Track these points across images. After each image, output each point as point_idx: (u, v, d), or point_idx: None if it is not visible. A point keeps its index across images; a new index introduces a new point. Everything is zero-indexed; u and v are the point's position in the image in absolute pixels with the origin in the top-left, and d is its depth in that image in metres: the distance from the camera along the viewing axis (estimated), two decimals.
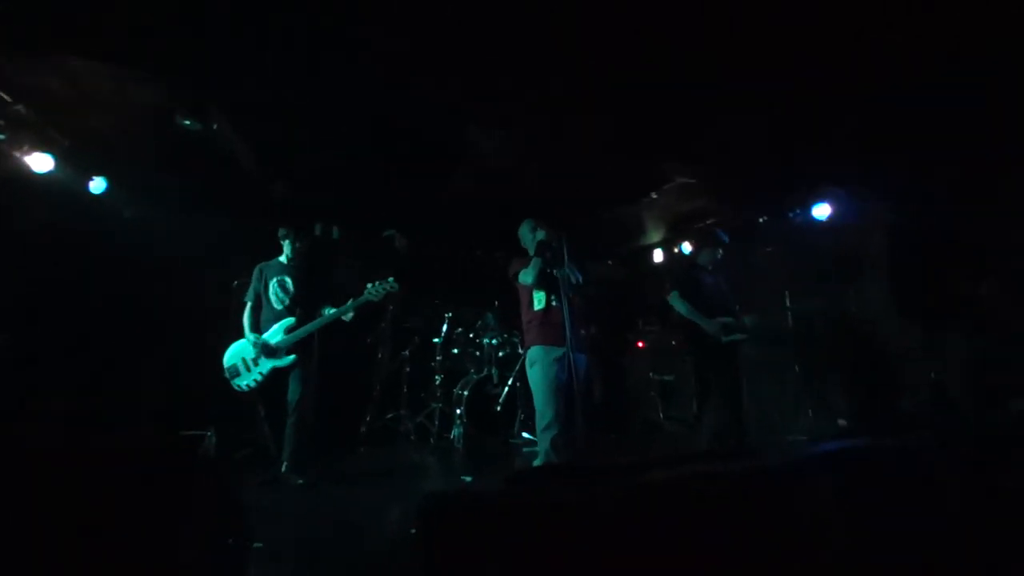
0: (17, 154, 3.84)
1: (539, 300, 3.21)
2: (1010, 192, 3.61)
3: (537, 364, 3.08)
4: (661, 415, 5.93)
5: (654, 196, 5.25)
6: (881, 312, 4.56)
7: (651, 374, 6.13)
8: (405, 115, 3.70)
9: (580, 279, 3.27)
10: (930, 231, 3.97)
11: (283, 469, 3.41)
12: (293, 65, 3.11)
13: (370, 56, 3.01)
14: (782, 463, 1.28)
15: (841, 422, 4.81)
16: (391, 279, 3.58)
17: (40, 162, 3.93)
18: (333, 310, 3.53)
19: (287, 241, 3.66)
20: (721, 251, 3.96)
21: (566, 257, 3.10)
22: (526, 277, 3.18)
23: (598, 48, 2.89)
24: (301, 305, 3.59)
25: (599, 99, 3.45)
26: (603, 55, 2.95)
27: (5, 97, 3.49)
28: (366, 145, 4.15)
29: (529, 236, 3.42)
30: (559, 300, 3.12)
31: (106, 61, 3.06)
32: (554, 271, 3.13)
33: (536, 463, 3.04)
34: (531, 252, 3.28)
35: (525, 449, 4.72)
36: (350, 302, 3.55)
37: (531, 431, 4.85)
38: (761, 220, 5.43)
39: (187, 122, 3.67)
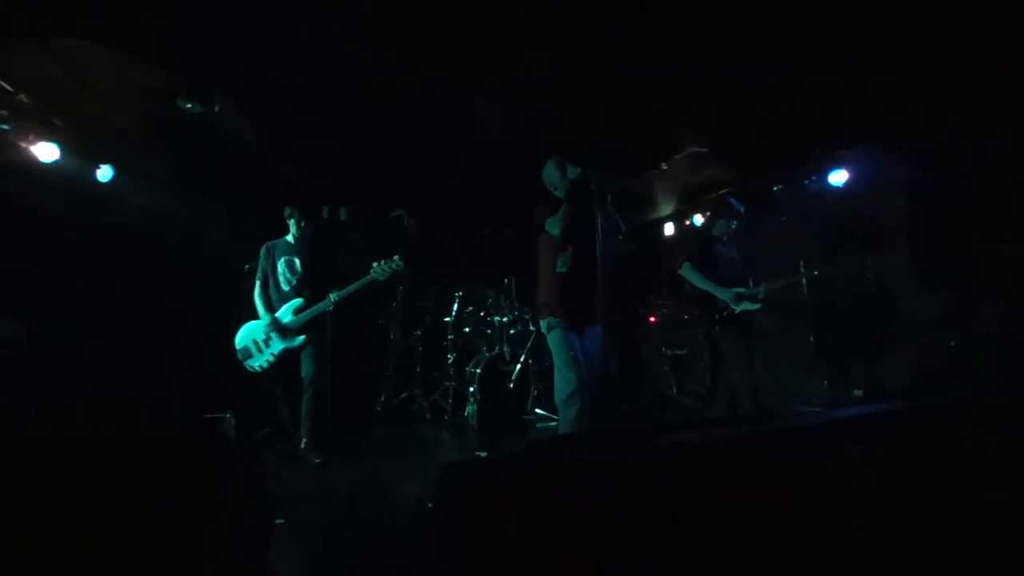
0: (23, 144, 3.84)
1: (564, 261, 2.68)
2: None
3: (557, 330, 2.69)
4: (674, 389, 5.92)
5: (664, 167, 5.15)
6: (902, 278, 4.46)
7: (663, 349, 6.10)
8: (409, 91, 3.63)
9: (623, 228, 2.81)
10: (952, 191, 3.82)
11: (302, 446, 3.45)
12: (295, 44, 3.04)
13: (372, 31, 2.94)
14: (803, 428, 1.26)
15: (857, 392, 4.76)
16: (396, 258, 3.56)
17: (46, 152, 3.93)
18: (338, 294, 3.52)
19: (292, 220, 3.64)
20: (736, 221, 3.88)
21: (609, 202, 2.64)
22: (554, 227, 2.65)
23: (603, 13, 2.78)
24: (309, 286, 3.60)
25: (605, 67, 3.34)
26: (608, 20, 2.85)
27: (6, 87, 3.48)
28: (372, 124, 4.10)
29: (557, 175, 2.82)
30: (589, 261, 2.68)
31: (106, 45, 3.02)
32: (592, 221, 2.62)
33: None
34: (562, 196, 2.74)
35: (539, 425, 4.75)
36: (356, 282, 3.55)
37: (545, 407, 4.87)
38: (775, 189, 5.31)
39: (188, 106, 3.64)
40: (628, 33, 2.99)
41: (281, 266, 3.61)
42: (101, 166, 4.37)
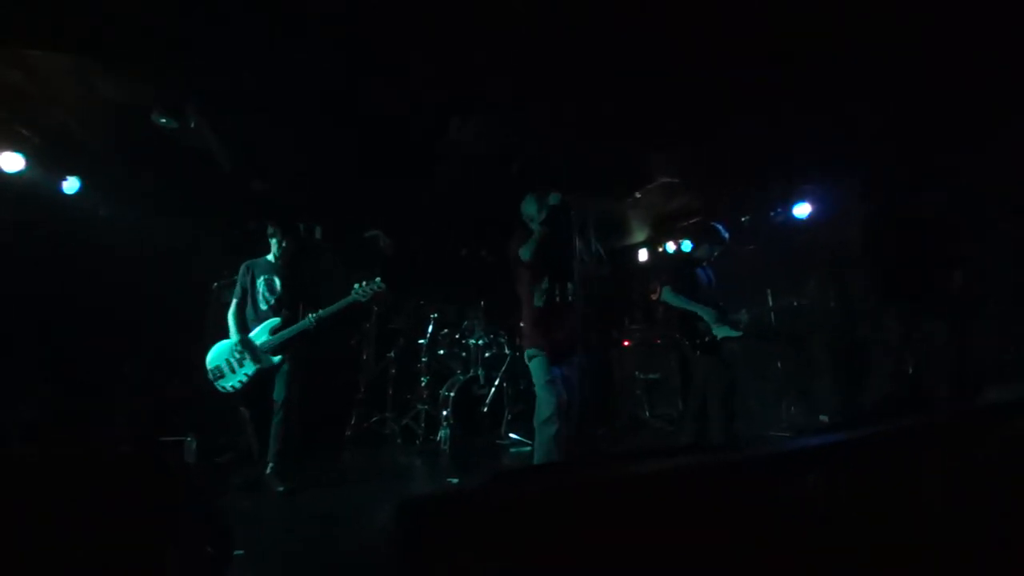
0: None
1: (540, 295, 2.74)
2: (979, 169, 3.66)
3: (537, 358, 2.76)
4: (647, 413, 5.95)
5: (638, 196, 5.27)
6: (863, 305, 4.63)
7: (637, 373, 6.15)
8: (386, 110, 3.65)
9: (602, 254, 2.85)
10: (905, 220, 4.00)
11: (267, 471, 3.33)
12: (270, 59, 3.04)
13: (350, 48, 2.96)
14: (772, 456, 1.28)
15: (822, 418, 4.87)
16: (378, 279, 3.54)
17: (10, 161, 3.81)
18: (318, 314, 3.47)
19: (275, 239, 3.58)
20: (719, 248, 3.86)
21: (591, 232, 2.71)
22: (525, 252, 2.70)
23: (581, 42, 2.88)
24: (287, 306, 3.53)
25: (584, 95, 3.44)
26: (586, 50, 2.94)
27: None
28: (347, 142, 4.10)
29: (534, 207, 2.84)
30: (563, 292, 2.74)
31: (76, 54, 2.96)
32: (566, 248, 2.68)
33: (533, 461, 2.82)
34: (537, 228, 2.76)
35: (513, 450, 4.69)
36: (337, 303, 3.50)
37: (519, 431, 4.82)
38: (743, 220, 5.49)
39: (163, 120, 3.58)
40: (601, 64, 3.09)
41: (260, 285, 3.54)
42: (68, 178, 4.25)
